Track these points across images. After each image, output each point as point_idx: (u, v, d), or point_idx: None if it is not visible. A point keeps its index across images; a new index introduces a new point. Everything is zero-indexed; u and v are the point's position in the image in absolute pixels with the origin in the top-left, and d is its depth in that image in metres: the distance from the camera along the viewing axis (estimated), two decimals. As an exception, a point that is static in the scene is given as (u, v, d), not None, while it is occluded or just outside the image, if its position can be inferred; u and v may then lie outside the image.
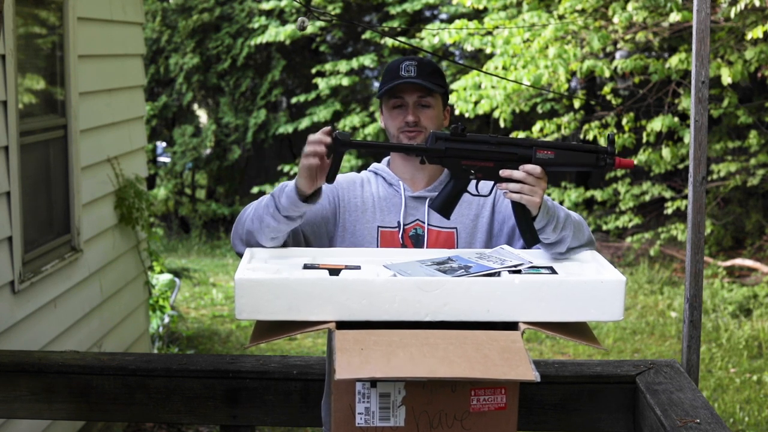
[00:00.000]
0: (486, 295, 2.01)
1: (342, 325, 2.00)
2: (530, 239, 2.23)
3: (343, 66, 12.14)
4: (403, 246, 2.41)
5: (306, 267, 2.18)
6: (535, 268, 2.15)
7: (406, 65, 2.41)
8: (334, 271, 2.12)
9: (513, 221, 2.40)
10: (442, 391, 1.98)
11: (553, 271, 2.15)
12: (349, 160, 12.31)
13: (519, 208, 2.21)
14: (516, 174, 2.18)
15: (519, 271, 2.13)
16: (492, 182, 2.26)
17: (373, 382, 1.96)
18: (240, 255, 2.34)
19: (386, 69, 2.48)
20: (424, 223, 2.42)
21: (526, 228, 2.22)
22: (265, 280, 2.01)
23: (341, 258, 2.28)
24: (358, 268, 2.17)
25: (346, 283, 2.01)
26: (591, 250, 2.33)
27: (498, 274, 2.10)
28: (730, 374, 6.69)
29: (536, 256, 2.28)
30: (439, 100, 2.46)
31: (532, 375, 1.84)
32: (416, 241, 2.41)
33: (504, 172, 2.20)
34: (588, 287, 2.04)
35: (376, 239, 2.42)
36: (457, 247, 2.40)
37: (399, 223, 2.42)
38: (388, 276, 2.09)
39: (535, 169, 2.18)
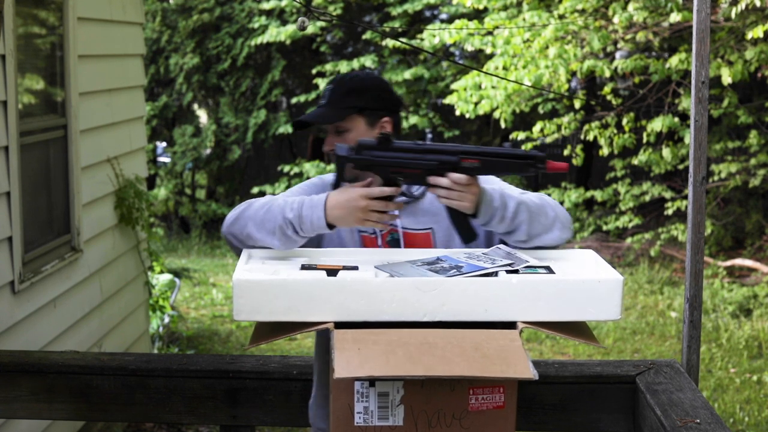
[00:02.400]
0: (484, 294, 2.02)
1: (340, 324, 2.00)
2: (464, 236, 2.27)
3: (344, 66, 12.15)
4: None
5: (304, 267, 2.18)
6: (532, 268, 2.16)
7: (325, 91, 2.41)
8: (332, 272, 2.12)
9: None
10: (441, 391, 1.99)
11: (551, 271, 2.15)
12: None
13: (450, 209, 2.25)
14: (442, 182, 2.19)
15: (516, 271, 2.13)
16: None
17: (372, 381, 1.97)
18: (233, 247, 2.34)
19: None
20: (398, 227, 2.40)
21: (459, 226, 2.26)
22: (264, 281, 2.02)
23: (338, 258, 2.28)
24: (355, 268, 2.18)
25: (344, 283, 2.01)
26: (580, 248, 2.33)
27: (495, 273, 2.10)
28: (730, 374, 6.69)
29: (531, 255, 2.28)
30: (359, 119, 2.39)
31: (530, 373, 1.85)
32: (393, 245, 2.40)
33: (431, 180, 2.21)
34: (586, 286, 2.04)
35: (359, 243, 2.41)
36: (435, 247, 2.40)
37: (374, 228, 2.39)
38: (386, 276, 2.09)
39: (461, 178, 2.18)
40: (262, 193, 12.92)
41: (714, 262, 9.60)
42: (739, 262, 9.52)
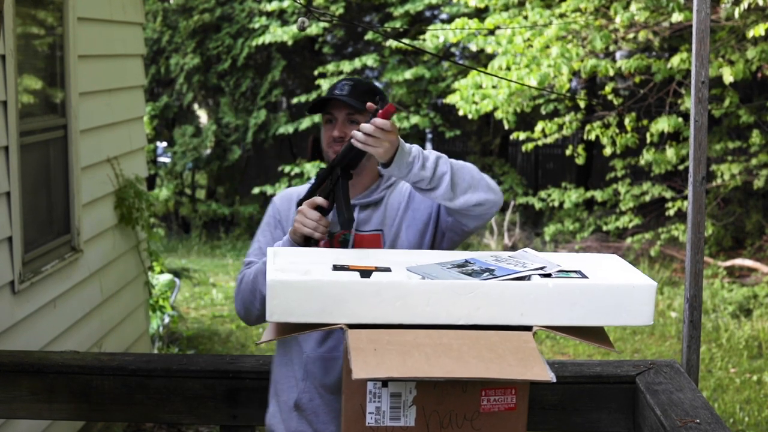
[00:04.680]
0: (519, 298, 2.00)
1: (353, 324, 1.98)
2: (342, 220, 2.40)
3: (346, 67, 12.15)
4: None
5: (336, 268, 2.15)
6: (564, 272, 2.14)
7: (341, 84, 2.54)
8: (365, 273, 2.09)
9: (423, 214, 2.54)
10: (453, 392, 1.97)
11: (583, 275, 2.14)
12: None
13: (343, 197, 2.41)
14: (365, 127, 2.25)
15: (549, 275, 2.12)
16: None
17: (385, 382, 1.95)
18: (246, 322, 2.57)
19: (329, 87, 2.62)
20: (352, 229, 2.50)
21: (339, 209, 2.41)
22: (298, 282, 1.97)
23: (366, 259, 2.27)
24: (388, 270, 2.15)
25: (380, 285, 1.97)
26: (495, 202, 2.39)
27: (528, 277, 2.09)
28: (730, 374, 6.69)
29: (560, 259, 2.27)
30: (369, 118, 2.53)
31: (548, 375, 1.83)
32: (344, 246, 2.50)
33: (355, 129, 2.30)
34: (620, 291, 2.02)
35: None
36: (384, 247, 2.50)
37: (329, 232, 2.49)
38: (419, 279, 2.07)
39: (384, 123, 2.24)
40: (262, 194, 12.92)
41: (714, 262, 9.60)
42: (739, 262, 9.51)
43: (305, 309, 1.96)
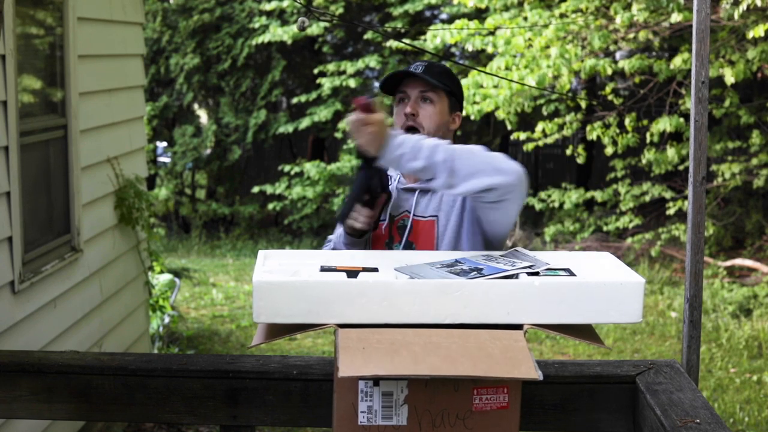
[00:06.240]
0: (506, 297, 2.00)
1: (344, 323, 1.99)
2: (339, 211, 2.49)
3: (349, 67, 12.14)
4: (390, 236, 2.54)
5: (323, 269, 2.15)
6: (552, 270, 2.14)
7: (415, 65, 2.54)
8: (352, 273, 2.10)
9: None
10: (445, 390, 1.98)
11: (571, 273, 2.14)
12: (350, 159, 12.33)
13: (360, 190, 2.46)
14: (347, 119, 2.34)
15: (537, 273, 2.12)
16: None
17: (376, 381, 1.96)
18: None
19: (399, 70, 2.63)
20: (410, 213, 2.55)
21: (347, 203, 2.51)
22: (285, 283, 1.99)
23: (356, 259, 2.27)
24: (375, 270, 2.16)
25: (365, 285, 1.99)
26: (516, 191, 2.33)
27: (516, 276, 2.09)
28: (730, 374, 6.69)
29: (550, 258, 2.27)
30: (444, 99, 2.55)
31: (535, 374, 1.84)
32: (402, 231, 2.54)
33: None
34: (608, 289, 2.02)
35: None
36: (437, 233, 2.51)
37: (388, 215, 2.57)
38: (406, 278, 2.08)
39: (359, 117, 2.25)
40: (262, 193, 12.93)
41: (714, 262, 9.60)
42: (739, 262, 9.52)
43: (292, 310, 1.97)
